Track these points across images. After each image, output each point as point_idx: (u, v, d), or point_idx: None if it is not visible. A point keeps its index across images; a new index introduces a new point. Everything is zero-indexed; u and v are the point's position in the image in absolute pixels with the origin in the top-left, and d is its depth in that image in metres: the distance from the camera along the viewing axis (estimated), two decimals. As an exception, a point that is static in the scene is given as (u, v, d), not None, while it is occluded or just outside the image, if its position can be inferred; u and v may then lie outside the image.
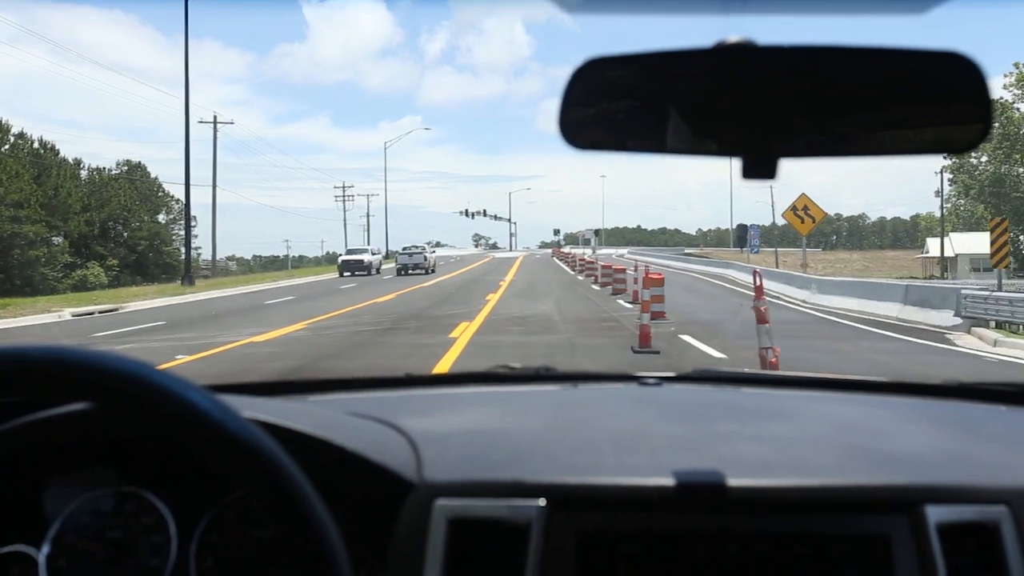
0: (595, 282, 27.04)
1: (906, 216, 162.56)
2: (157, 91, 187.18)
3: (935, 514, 0.91)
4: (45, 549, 1.02)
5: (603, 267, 26.30)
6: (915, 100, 0.80)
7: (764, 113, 0.78)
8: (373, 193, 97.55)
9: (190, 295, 27.32)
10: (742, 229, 53.46)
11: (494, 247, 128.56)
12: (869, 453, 1.04)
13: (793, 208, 21.68)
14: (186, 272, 35.30)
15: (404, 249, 44.47)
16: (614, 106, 0.82)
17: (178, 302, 24.24)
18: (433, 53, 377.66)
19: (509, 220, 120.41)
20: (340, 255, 45.42)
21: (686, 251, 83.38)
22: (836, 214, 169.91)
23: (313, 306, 19.68)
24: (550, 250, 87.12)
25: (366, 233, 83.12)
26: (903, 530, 0.91)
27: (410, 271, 41.07)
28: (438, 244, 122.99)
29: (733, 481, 0.92)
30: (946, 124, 0.81)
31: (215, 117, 51.88)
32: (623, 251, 75.74)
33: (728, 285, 28.61)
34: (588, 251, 54.49)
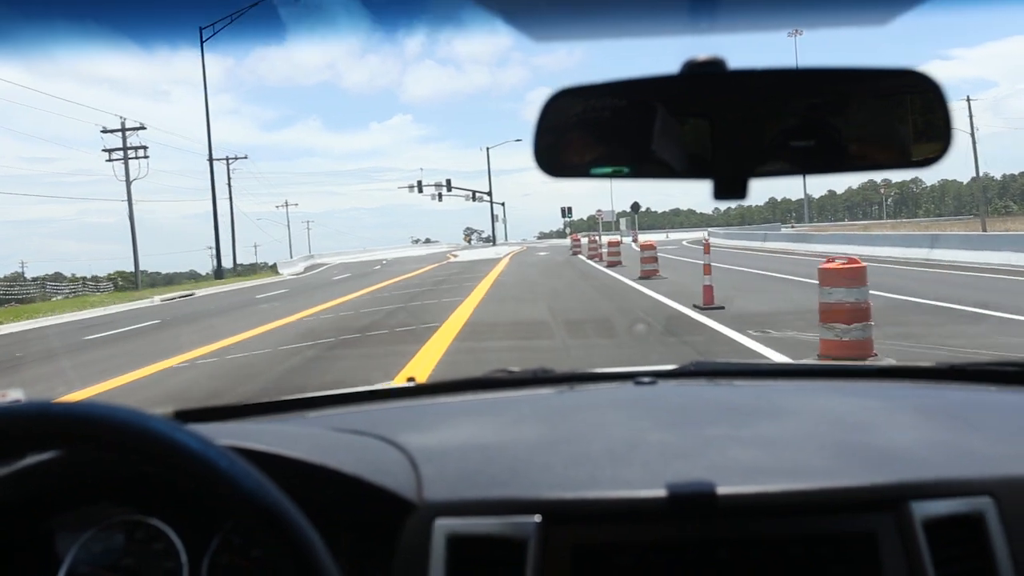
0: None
1: (963, 180, 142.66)
2: None
3: (920, 509, 0.93)
4: None
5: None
6: (878, 117, 0.83)
7: (733, 136, 0.80)
8: (239, 155, 54.71)
9: None
10: None
11: (487, 241, 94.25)
12: (857, 450, 1.05)
13: None
14: None
15: None
16: (586, 134, 0.84)
17: None
18: (413, 48, 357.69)
19: (490, 197, 72.32)
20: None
21: (782, 229, 59.45)
22: (884, 180, 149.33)
23: None
24: (568, 239, 48.24)
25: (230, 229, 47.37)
26: (890, 527, 0.93)
27: None
28: (427, 241, 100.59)
29: (723, 489, 0.94)
30: (909, 140, 0.83)
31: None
32: (696, 234, 50.24)
33: None
34: (623, 238, 34.14)
